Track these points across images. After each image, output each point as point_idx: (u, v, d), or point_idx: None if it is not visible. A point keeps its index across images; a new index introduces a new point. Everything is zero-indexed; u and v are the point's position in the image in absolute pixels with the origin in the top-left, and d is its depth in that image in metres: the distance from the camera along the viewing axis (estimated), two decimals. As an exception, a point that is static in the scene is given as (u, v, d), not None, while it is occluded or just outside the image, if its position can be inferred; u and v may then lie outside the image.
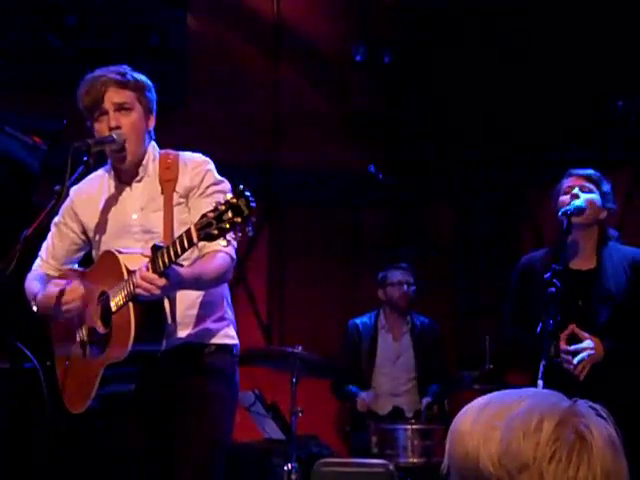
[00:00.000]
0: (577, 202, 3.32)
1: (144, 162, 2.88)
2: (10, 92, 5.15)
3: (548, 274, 3.13)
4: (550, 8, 5.25)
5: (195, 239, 2.43)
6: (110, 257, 2.76)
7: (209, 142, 3.88)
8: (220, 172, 2.89)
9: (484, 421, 1.09)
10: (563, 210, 3.29)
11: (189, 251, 2.58)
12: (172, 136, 2.98)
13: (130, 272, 2.64)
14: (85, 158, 2.72)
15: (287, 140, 5.99)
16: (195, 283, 2.72)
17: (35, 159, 4.00)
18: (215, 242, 2.46)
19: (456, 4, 5.67)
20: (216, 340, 2.87)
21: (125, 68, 2.86)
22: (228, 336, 2.90)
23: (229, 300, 2.96)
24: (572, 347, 3.24)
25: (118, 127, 2.78)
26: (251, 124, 5.89)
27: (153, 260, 2.54)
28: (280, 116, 6.02)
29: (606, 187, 3.42)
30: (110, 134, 2.78)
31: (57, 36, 5.14)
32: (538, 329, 3.09)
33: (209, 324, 2.86)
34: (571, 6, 5.14)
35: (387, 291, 5.26)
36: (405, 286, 5.23)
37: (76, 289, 2.81)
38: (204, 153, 2.94)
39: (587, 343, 3.24)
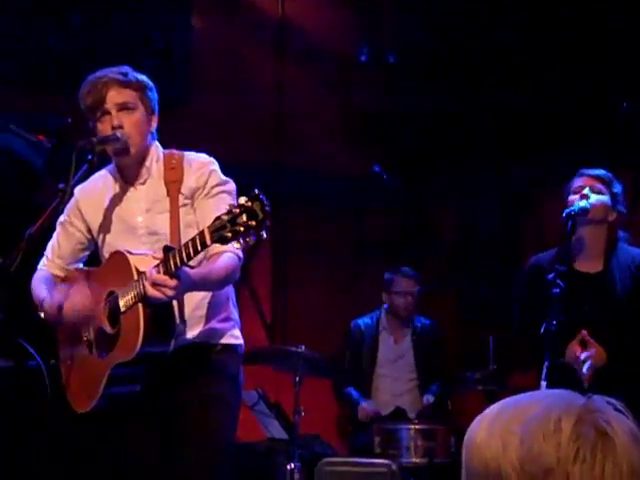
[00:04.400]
0: (581, 203, 3.31)
1: (147, 163, 2.87)
2: (15, 91, 5.16)
3: (552, 275, 3.12)
4: (555, 8, 5.24)
5: (209, 241, 2.42)
6: (120, 257, 2.76)
7: (212, 141, 3.88)
8: (223, 172, 2.89)
9: (500, 428, 1.06)
10: (567, 211, 3.28)
11: None
12: (176, 135, 2.98)
13: (140, 273, 2.64)
14: (89, 157, 2.72)
15: (291, 140, 5.99)
16: (205, 284, 2.72)
17: (39, 157, 4.00)
18: (228, 244, 2.46)
19: (460, 5, 5.66)
20: (222, 340, 2.87)
21: (127, 68, 2.86)
22: (233, 336, 2.91)
23: (234, 300, 2.96)
24: (584, 354, 3.24)
25: (120, 126, 2.78)
26: (255, 124, 5.89)
27: (165, 262, 2.54)
28: (284, 116, 6.02)
29: (617, 188, 3.40)
30: (114, 132, 2.78)
31: (61, 35, 5.15)
32: (542, 330, 3.08)
33: (215, 324, 2.86)
34: (577, 8, 5.14)
35: (391, 298, 5.25)
36: (409, 297, 5.21)
37: (80, 293, 2.81)
38: (207, 152, 2.94)
39: (592, 351, 3.23)
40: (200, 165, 2.85)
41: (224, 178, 2.85)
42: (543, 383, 2.95)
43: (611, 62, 4.99)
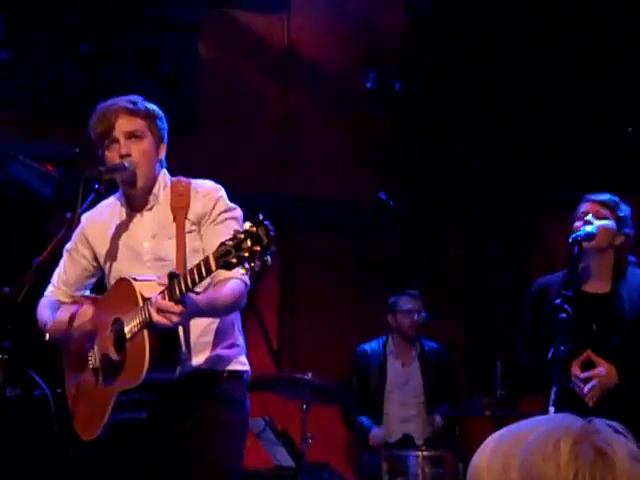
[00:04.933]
0: (587, 228, 3.31)
1: (155, 190, 2.89)
2: (23, 120, 5.20)
3: (559, 300, 3.12)
4: (562, 33, 5.27)
5: (214, 267, 2.43)
6: (125, 284, 2.77)
7: (219, 169, 3.91)
8: (230, 199, 2.90)
9: (502, 452, 1.07)
10: (573, 236, 3.28)
11: None
12: (182, 163, 3.00)
13: (145, 299, 2.64)
14: (96, 186, 2.74)
15: (297, 167, 6.01)
16: (211, 310, 2.72)
17: (48, 187, 4.03)
18: (234, 270, 2.46)
19: (465, 32, 5.70)
20: (228, 367, 2.87)
21: (137, 97, 2.89)
22: (240, 363, 2.90)
23: (240, 327, 2.96)
24: (583, 374, 3.23)
25: (129, 155, 2.80)
26: (260, 151, 5.92)
27: (170, 288, 2.54)
28: (291, 143, 6.05)
29: (623, 212, 3.40)
30: (122, 162, 2.80)
31: (69, 64, 5.19)
32: (550, 355, 3.07)
33: (221, 351, 2.86)
34: (583, 31, 5.17)
35: (397, 318, 5.26)
36: (415, 315, 5.22)
37: (87, 313, 2.82)
38: (214, 180, 2.96)
39: (599, 370, 3.22)
40: (207, 192, 2.87)
41: (231, 205, 2.86)
42: (551, 408, 2.93)
43: (616, 86, 5.02)
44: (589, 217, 3.34)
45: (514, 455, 1.05)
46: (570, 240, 3.28)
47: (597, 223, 3.33)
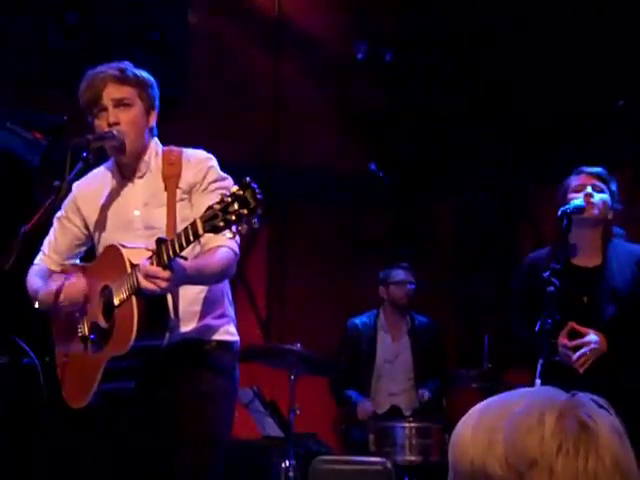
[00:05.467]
0: (577, 201, 3.31)
1: (146, 158, 2.88)
2: (11, 88, 5.15)
3: (547, 273, 3.13)
4: (553, 7, 5.25)
5: (201, 231, 2.42)
6: (113, 251, 2.76)
7: (208, 138, 3.88)
8: (220, 169, 2.89)
9: (485, 426, 1.08)
10: (563, 209, 3.28)
11: (191, 247, 2.58)
12: (171, 132, 2.98)
13: (134, 266, 2.63)
14: (84, 154, 2.72)
15: (287, 138, 5.99)
16: (199, 277, 2.71)
17: (35, 155, 4.00)
18: (221, 234, 2.45)
19: (458, 3, 5.67)
20: (217, 337, 2.87)
21: (126, 64, 2.86)
22: (229, 333, 2.90)
23: (230, 297, 2.96)
24: (574, 342, 3.24)
25: (117, 123, 2.78)
26: (251, 121, 5.89)
27: (158, 253, 2.53)
28: (280, 114, 6.02)
29: (614, 186, 3.41)
30: (110, 130, 2.78)
31: (57, 32, 5.14)
32: (537, 327, 3.09)
33: (210, 320, 2.86)
34: (573, 5, 5.14)
35: (389, 289, 5.27)
36: (408, 285, 5.25)
37: (76, 284, 2.81)
38: (203, 149, 2.94)
39: (590, 337, 3.23)
40: (198, 161, 2.86)
41: (222, 174, 2.85)
42: (537, 381, 2.95)
43: (606, 59, 5.00)
44: (589, 190, 3.33)
45: (498, 427, 1.06)
46: (559, 213, 3.28)
47: (597, 197, 3.33)
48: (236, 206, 2.32)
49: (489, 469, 1.05)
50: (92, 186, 2.96)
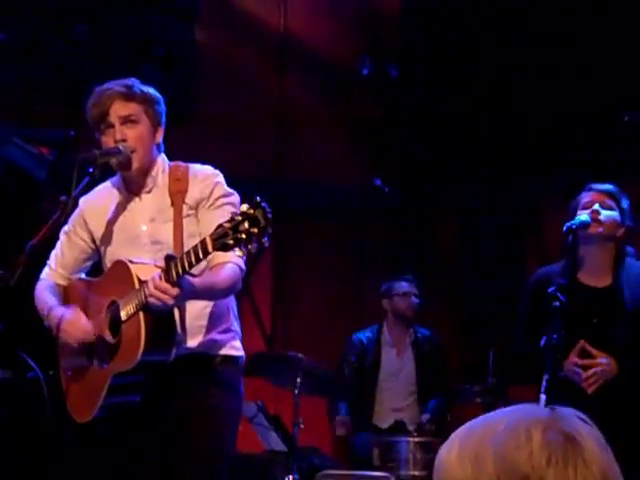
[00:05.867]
0: (582, 217, 3.30)
1: (153, 173, 2.89)
2: (17, 103, 5.18)
3: (552, 288, 3.12)
4: (558, 22, 5.26)
5: (210, 249, 2.43)
6: (121, 266, 2.77)
7: (213, 153, 3.89)
8: (226, 184, 2.90)
9: (471, 447, 1.10)
10: (568, 225, 3.28)
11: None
12: (176, 147, 2.99)
13: (142, 282, 2.64)
14: (91, 169, 2.74)
15: (292, 153, 6.00)
16: (207, 293, 2.73)
17: (42, 169, 4.01)
18: (230, 252, 2.46)
19: (462, 18, 5.69)
20: (222, 351, 2.87)
21: (133, 81, 2.88)
22: (234, 348, 2.91)
23: (235, 312, 2.97)
24: (585, 361, 3.22)
25: (124, 140, 2.80)
26: (256, 136, 5.91)
27: (167, 270, 2.54)
28: (285, 129, 6.03)
29: (625, 203, 3.39)
30: (116, 146, 2.80)
31: (65, 46, 5.16)
32: (542, 343, 3.08)
33: (215, 335, 2.86)
34: (580, 19, 5.15)
35: (393, 301, 5.27)
36: (412, 297, 5.25)
37: (74, 322, 2.82)
38: (208, 164, 2.96)
39: (601, 359, 3.22)
40: (205, 177, 2.87)
41: (229, 190, 2.87)
42: (542, 396, 2.94)
43: (613, 73, 5.01)
44: (596, 207, 3.32)
45: (486, 446, 1.08)
46: (565, 229, 3.28)
47: (604, 214, 3.32)
48: (246, 225, 2.33)
49: None
50: (99, 201, 2.98)
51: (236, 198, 2.84)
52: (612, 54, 5.00)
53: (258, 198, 2.36)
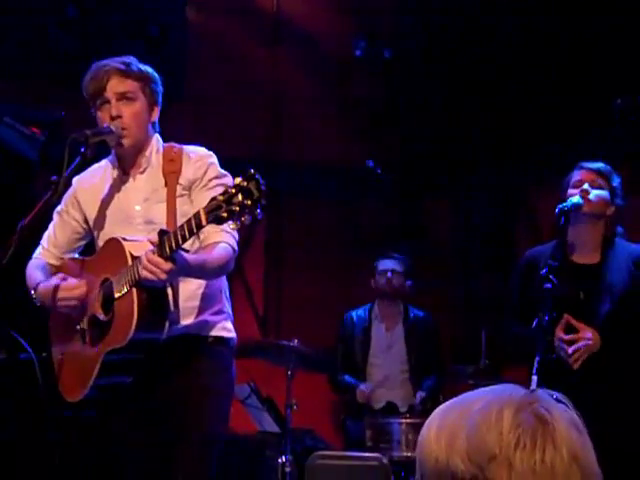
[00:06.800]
0: (574, 199, 3.31)
1: (147, 153, 2.88)
2: (9, 83, 5.15)
3: (544, 270, 3.13)
4: (552, 5, 5.25)
5: (204, 222, 2.42)
6: (114, 244, 2.76)
7: (207, 134, 3.89)
8: (219, 165, 2.90)
9: (448, 425, 1.11)
10: (560, 207, 3.28)
11: (190, 242, 2.59)
12: (169, 128, 2.99)
13: (135, 258, 2.64)
14: (82, 149, 2.72)
15: (286, 134, 5.99)
16: (199, 270, 2.72)
17: (33, 150, 4.00)
18: (222, 226, 2.46)
19: (457, 0, 5.67)
20: (214, 332, 2.88)
21: (131, 59, 2.87)
22: (226, 329, 2.91)
23: (227, 294, 2.97)
24: (569, 336, 3.24)
25: (119, 116, 2.79)
26: (250, 118, 5.89)
27: (160, 244, 2.54)
28: (279, 110, 6.02)
29: (615, 182, 3.39)
30: (108, 125, 2.79)
31: (57, 27, 5.13)
32: (534, 324, 3.09)
33: (207, 316, 2.86)
34: (572, 5, 5.15)
35: (375, 279, 5.30)
36: (390, 273, 5.24)
37: (77, 287, 2.81)
38: (202, 145, 2.95)
39: (585, 333, 3.24)
40: (199, 157, 2.87)
41: (222, 171, 2.87)
42: (534, 377, 2.95)
43: (605, 58, 5.00)
44: (586, 186, 3.33)
45: (460, 425, 1.09)
46: (557, 211, 3.28)
47: (593, 193, 3.33)
48: (240, 197, 2.32)
49: (452, 466, 1.08)
50: (93, 180, 2.97)
51: (229, 179, 2.83)
52: (606, 39, 5.00)
53: (251, 170, 2.36)
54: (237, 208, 2.32)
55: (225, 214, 2.34)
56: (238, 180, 2.35)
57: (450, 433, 1.10)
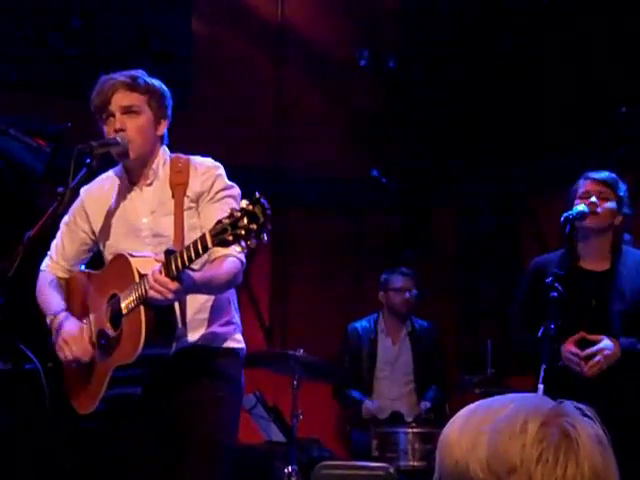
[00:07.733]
0: (580, 207, 3.31)
1: (154, 166, 2.89)
2: (14, 94, 5.17)
3: (550, 279, 3.13)
4: (555, 13, 5.26)
5: (210, 245, 2.43)
6: (122, 260, 2.77)
7: (212, 145, 3.89)
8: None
9: (471, 428, 1.10)
10: (566, 215, 3.28)
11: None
12: (174, 138, 2.99)
13: (142, 275, 2.65)
14: (88, 160, 2.73)
15: (290, 143, 6.00)
16: (207, 287, 2.73)
17: (39, 161, 4.01)
18: (230, 248, 2.47)
19: (460, 11, 5.68)
20: (224, 344, 2.88)
21: (139, 72, 2.88)
22: (235, 340, 2.92)
23: (236, 304, 2.97)
24: (587, 351, 3.22)
25: (123, 130, 2.80)
26: (254, 127, 5.90)
27: (166, 264, 2.54)
28: (283, 120, 6.03)
29: (622, 191, 3.40)
30: (114, 137, 2.80)
31: (61, 38, 5.16)
32: (540, 333, 3.09)
33: (217, 328, 2.87)
34: (575, 13, 5.15)
35: (389, 296, 5.27)
36: (407, 293, 5.24)
37: (82, 344, 2.83)
38: (207, 156, 2.96)
39: (604, 343, 3.22)
40: (206, 169, 2.87)
41: (229, 183, 2.87)
42: (540, 386, 2.95)
43: (609, 67, 5.01)
44: (593, 199, 3.32)
45: (483, 431, 1.08)
46: (562, 219, 3.28)
47: (602, 206, 3.32)
48: (245, 221, 2.33)
49: (471, 471, 1.07)
50: (101, 191, 2.98)
51: (236, 191, 2.85)
52: (609, 47, 5.00)
53: (257, 194, 2.36)
54: (243, 232, 2.33)
55: (231, 237, 2.35)
56: (244, 203, 2.35)
57: (472, 437, 1.08)
